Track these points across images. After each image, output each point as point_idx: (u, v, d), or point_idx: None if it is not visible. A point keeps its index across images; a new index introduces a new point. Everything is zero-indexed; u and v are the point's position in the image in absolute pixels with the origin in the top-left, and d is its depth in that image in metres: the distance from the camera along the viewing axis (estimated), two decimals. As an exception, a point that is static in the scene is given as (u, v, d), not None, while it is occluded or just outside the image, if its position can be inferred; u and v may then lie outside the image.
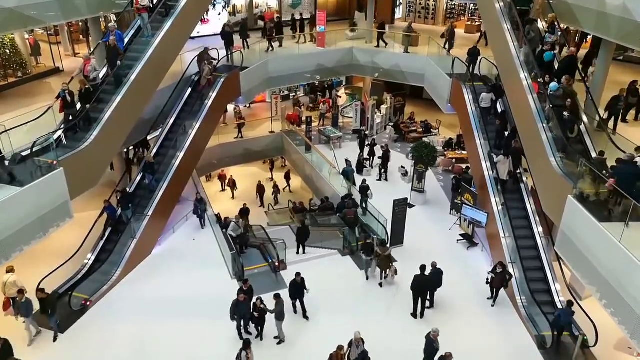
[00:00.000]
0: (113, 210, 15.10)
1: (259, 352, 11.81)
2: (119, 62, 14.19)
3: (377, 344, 12.27)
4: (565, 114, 12.35)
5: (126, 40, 15.61)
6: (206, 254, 15.71)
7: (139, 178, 16.25)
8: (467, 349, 12.17)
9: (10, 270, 12.26)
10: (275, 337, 12.42)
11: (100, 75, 14.28)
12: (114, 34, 14.30)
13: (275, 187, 23.08)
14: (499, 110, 17.24)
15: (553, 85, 13.00)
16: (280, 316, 12.16)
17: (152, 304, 13.56)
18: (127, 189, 15.56)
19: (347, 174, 19.01)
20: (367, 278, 14.84)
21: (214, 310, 13.02)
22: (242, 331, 12.38)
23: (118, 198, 15.31)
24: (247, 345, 10.88)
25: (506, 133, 16.17)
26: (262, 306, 12.04)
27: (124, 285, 14.26)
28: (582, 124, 12.67)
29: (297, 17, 25.33)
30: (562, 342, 12.06)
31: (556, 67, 13.98)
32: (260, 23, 25.47)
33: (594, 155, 11.78)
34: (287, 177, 24.13)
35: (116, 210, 15.19)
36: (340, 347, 10.80)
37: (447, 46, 21.53)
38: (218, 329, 12.56)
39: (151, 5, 15.95)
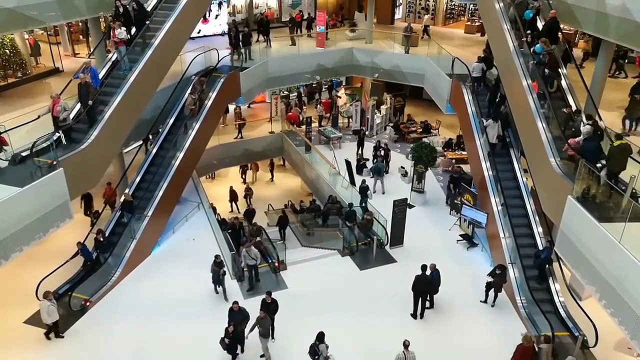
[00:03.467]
0: (88, 252, 13.95)
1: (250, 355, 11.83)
2: (90, 102, 13.13)
3: (376, 345, 12.31)
4: (546, 70, 13.74)
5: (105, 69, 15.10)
6: (206, 254, 15.66)
7: (116, 217, 15.40)
8: (466, 349, 12.21)
9: (46, 295, 11.97)
10: (261, 356, 11.87)
11: (72, 115, 13.23)
12: (89, 70, 13.51)
13: (248, 189, 22.76)
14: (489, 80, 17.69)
15: (538, 47, 13.91)
16: (265, 333, 11.54)
17: (152, 304, 13.55)
18: (105, 233, 14.48)
19: (379, 170, 19.31)
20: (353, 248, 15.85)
21: (213, 311, 13.03)
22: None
23: (96, 240, 14.19)
24: (321, 338, 10.80)
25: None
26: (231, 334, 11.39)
27: (124, 286, 14.25)
28: (562, 79, 14.00)
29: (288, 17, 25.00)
30: (562, 343, 12.08)
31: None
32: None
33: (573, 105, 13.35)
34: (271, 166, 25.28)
35: (91, 252, 14.08)
36: None
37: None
38: (218, 330, 12.50)
39: (129, 37, 15.21)
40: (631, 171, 9.47)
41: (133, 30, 15.64)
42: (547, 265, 13.35)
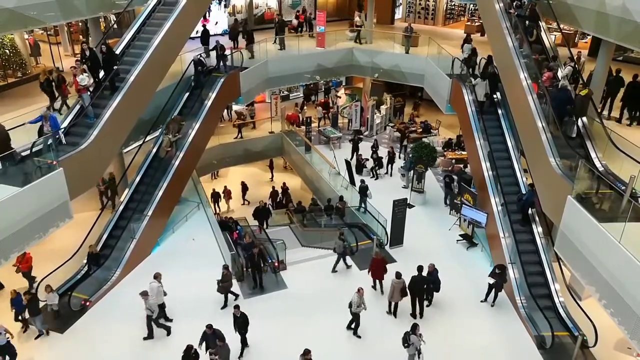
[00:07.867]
0: (20, 304, 12.30)
1: (250, 355, 11.79)
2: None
3: (376, 344, 12.31)
4: (527, 22, 15.44)
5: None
6: (206, 254, 15.70)
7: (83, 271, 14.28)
8: (466, 348, 12.21)
9: (157, 276, 12.69)
10: None
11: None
12: (48, 120, 12.23)
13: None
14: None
15: None
16: None
17: (152, 304, 13.55)
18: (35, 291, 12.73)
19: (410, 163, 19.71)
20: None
21: (213, 311, 13.03)
22: None
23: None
24: (414, 328, 11.00)
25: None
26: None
27: (124, 285, 14.25)
28: (541, 30, 15.71)
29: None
30: (562, 342, 12.08)
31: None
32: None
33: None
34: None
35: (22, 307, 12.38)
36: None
37: None
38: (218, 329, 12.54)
39: (97, 80, 14.16)
40: (631, 171, 9.47)
41: (102, 73, 14.39)
42: (529, 209, 14.28)
